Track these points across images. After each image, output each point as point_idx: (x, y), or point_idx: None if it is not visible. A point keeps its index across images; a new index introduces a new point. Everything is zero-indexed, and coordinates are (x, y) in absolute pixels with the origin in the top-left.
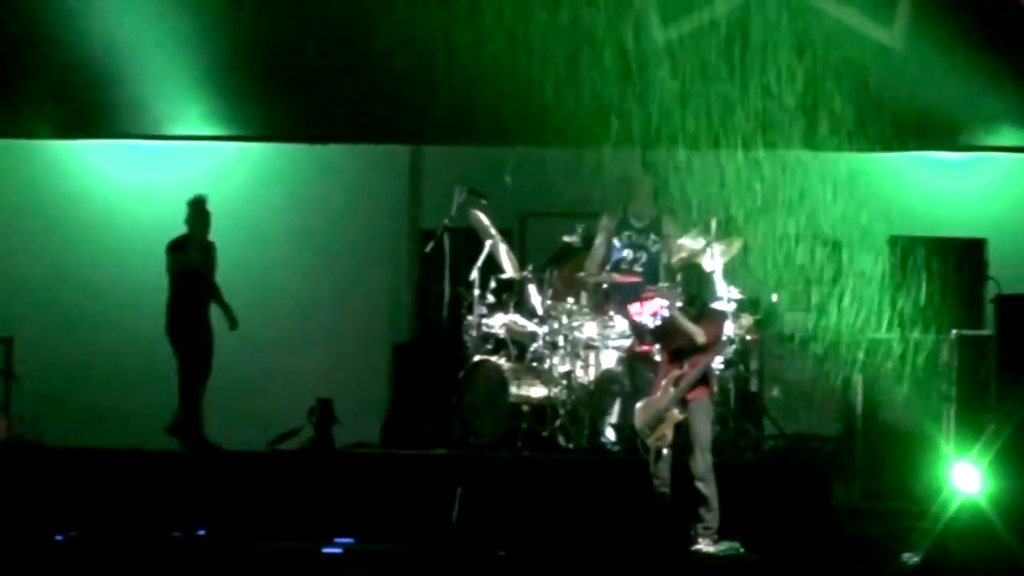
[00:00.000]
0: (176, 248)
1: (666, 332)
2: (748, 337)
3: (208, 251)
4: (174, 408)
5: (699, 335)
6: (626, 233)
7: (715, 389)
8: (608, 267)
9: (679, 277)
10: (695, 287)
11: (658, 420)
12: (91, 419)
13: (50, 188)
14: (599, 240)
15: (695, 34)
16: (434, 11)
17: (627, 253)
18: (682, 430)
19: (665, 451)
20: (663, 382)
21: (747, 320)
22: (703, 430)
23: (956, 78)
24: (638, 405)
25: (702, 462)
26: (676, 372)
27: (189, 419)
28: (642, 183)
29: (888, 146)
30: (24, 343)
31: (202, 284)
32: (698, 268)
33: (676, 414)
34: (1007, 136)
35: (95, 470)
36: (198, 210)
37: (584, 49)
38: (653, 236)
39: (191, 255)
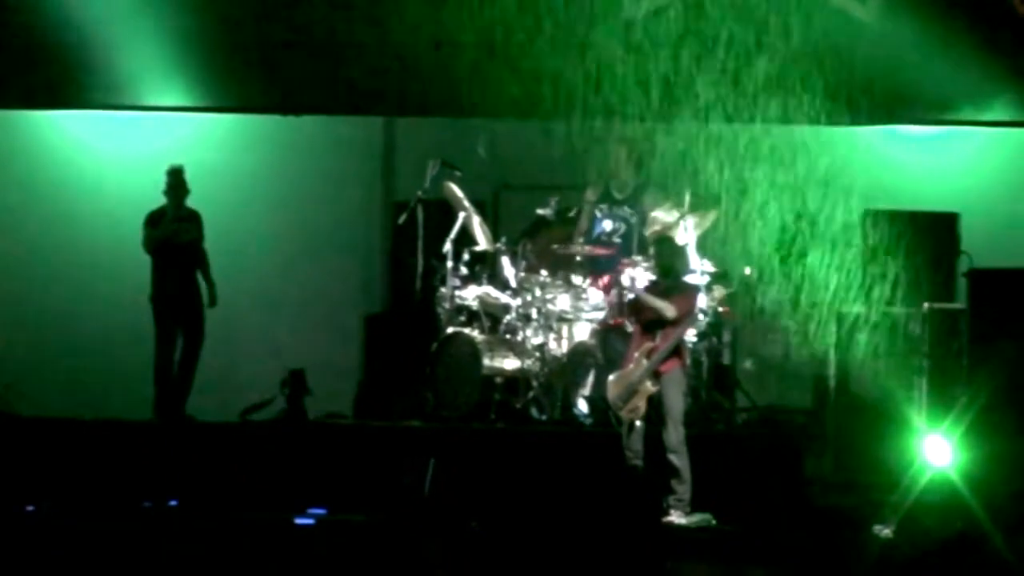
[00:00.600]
0: (151, 222)
1: (638, 305)
2: (721, 310)
3: (191, 221)
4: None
5: (668, 310)
6: (607, 205)
7: (688, 361)
8: (583, 240)
9: (651, 250)
10: (667, 260)
11: (631, 392)
12: (67, 390)
13: (27, 158)
14: (584, 212)
15: (670, 7)
16: None
17: (607, 225)
18: (655, 402)
19: (638, 423)
20: (636, 354)
21: (720, 293)
22: (675, 402)
23: (930, 53)
24: (611, 377)
25: (674, 434)
26: (648, 344)
27: (165, 390)
28: (621, 156)
29: (862, 120)
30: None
31: (184, 255)
32: (670, 241)
33: (649, 386)
34: (980, 111)
35: (68, 441)
36: (175, 181)
37: (559, 23)
38: (628, 209)
39: (165, 227)
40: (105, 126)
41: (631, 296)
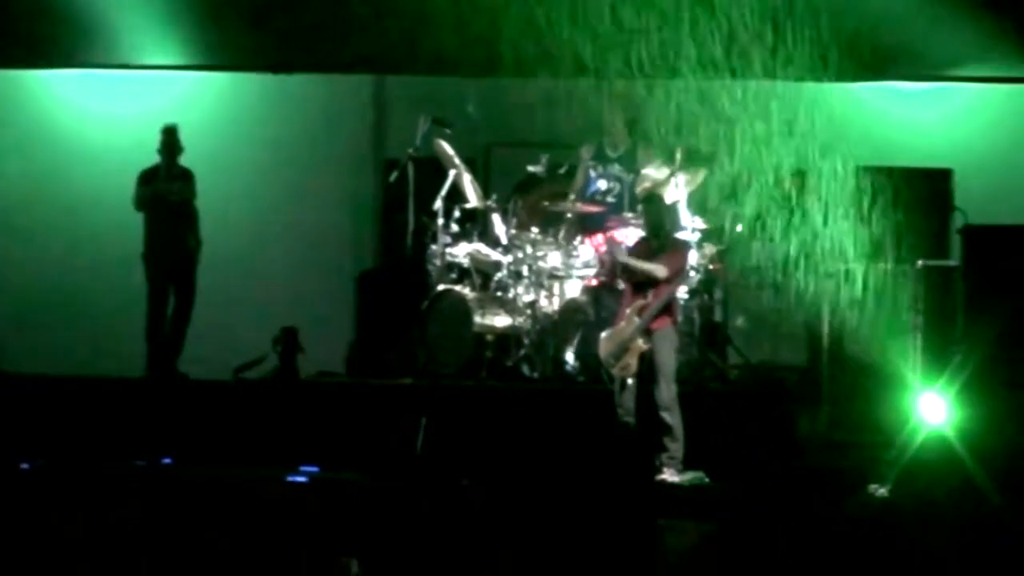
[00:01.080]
0: (144, 180)
1: (629, 266)
2: (712, 267)
3: (184, 179)
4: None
5: (658, 271)
6: (601, 164)
7: (679, 318)
8: (574, 197)
9: (639, 208)
10: (656, 218)
11: (623, 350)
12: (58, 347)
13: (20, 117)
14: (579, 170)
15: None
16: None
17: (602, 184)
18: (646, 360)
19: (630, 381)
20: (627, 311)
21: (711, 250)
22: (667, 360)
23: (921, 8)
24: (603, 335)
25: (666, 392)
26: (640, 302)
27: (157, 347)
28: (614, 115)
29: (853, 76)
30: None
31: (176, 213)
32: (658, 199)
33: (640, 344)
34: (973, 67)
35: (59, 398)
36: (169, 139)
37: None
38: (621, 167)
39: (157, 185)
40: (96, 85)
41: (621, 261)
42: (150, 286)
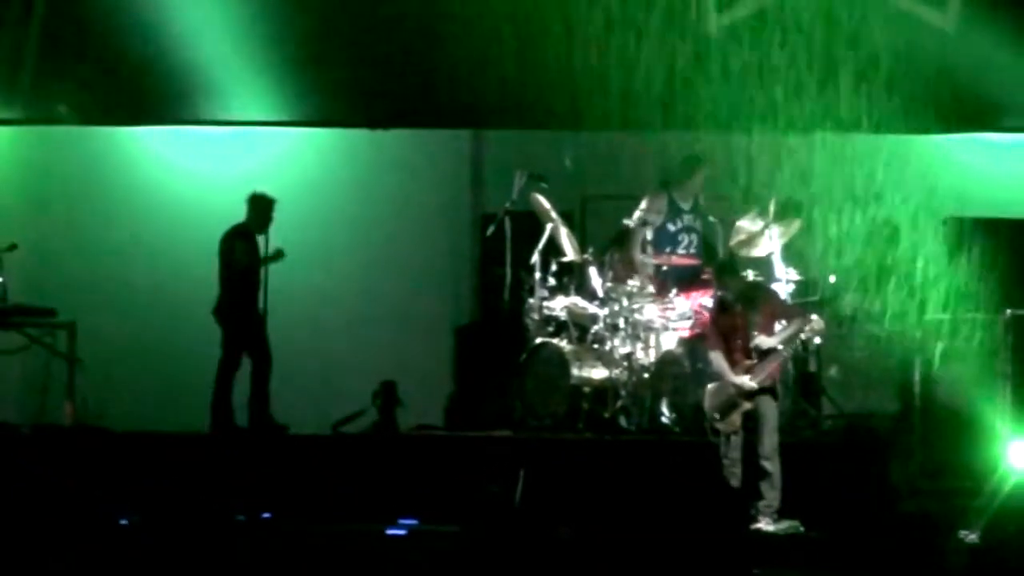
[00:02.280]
0: (242, 236)
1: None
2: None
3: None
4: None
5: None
6: (675, 215)
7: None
8: (667, 249)
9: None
10: (732, 287)
11: (729, 407)
12: (153, 402)
13: (113, 175)
14: (648, 221)
15: (749, 20)
16: None
17: (681, 236)
18: (749, 412)
19: (734, 436)
20: (734, 370)
21: (819, 325)
22: (771, 413)
23: (1008, 60)
24: (708, 388)
25: (768, 442)
26: (748, 362)
27: (223, 402)
28: (698, 166)
29: (941, 128)
30: (87, 329)
31: (253, 276)
32: (726, 265)
33: (747, 405)
34: None
35: (159, 454)
36: (260, 206)
37: (642, 36)
38: (692, 216)
39: (249, 248)
40: (192, 142)
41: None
42: (225, 345)
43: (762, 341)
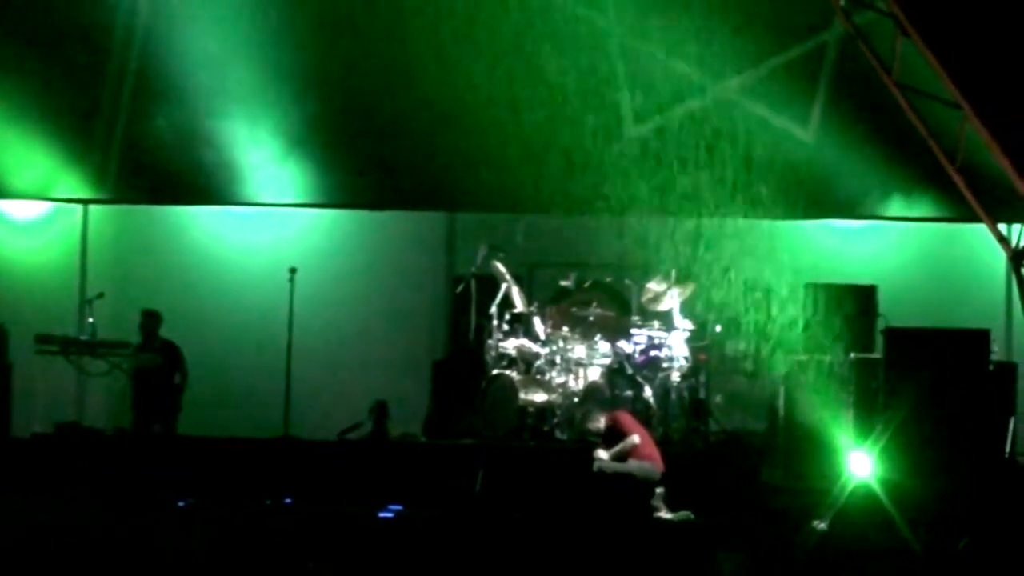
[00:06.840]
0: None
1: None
2: (700, 357)
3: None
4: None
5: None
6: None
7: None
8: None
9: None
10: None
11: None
12: (217, 414)
13: (172, 242)
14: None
15: (660, 130)
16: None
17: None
18: None
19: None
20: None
21: (703, 356)
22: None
23: (853, 165)
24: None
25: None
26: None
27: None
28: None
29: (803, 215)
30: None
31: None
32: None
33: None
34: (895, 208)
35: (211, 455)
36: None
37: (579, 139)
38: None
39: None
40: (232, 219)
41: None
42: None
43: (599, 454)
